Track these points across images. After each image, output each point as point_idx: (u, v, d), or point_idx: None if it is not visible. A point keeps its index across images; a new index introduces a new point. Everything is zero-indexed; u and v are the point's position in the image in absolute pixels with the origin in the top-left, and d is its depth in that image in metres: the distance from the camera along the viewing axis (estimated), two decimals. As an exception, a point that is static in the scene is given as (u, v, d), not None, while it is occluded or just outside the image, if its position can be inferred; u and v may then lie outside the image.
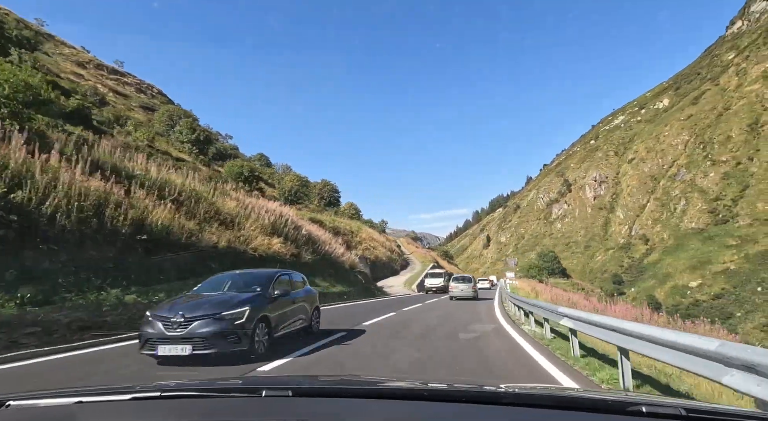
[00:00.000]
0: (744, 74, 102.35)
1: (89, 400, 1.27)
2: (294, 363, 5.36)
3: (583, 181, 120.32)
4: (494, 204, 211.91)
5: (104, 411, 1.25)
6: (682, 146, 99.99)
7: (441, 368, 5.22)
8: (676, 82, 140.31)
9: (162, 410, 1.23)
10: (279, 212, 17.88)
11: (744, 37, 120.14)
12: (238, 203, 15.45)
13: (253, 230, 14.77)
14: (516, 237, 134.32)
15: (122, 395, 1.29)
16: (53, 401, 1.27)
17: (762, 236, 64.48)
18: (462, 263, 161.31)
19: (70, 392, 1.32)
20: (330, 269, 20.08)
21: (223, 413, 1.20)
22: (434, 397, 1.31)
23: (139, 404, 1.26)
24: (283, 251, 15.86)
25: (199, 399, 1.31)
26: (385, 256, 37.16)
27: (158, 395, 1.29)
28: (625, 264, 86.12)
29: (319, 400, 1.31)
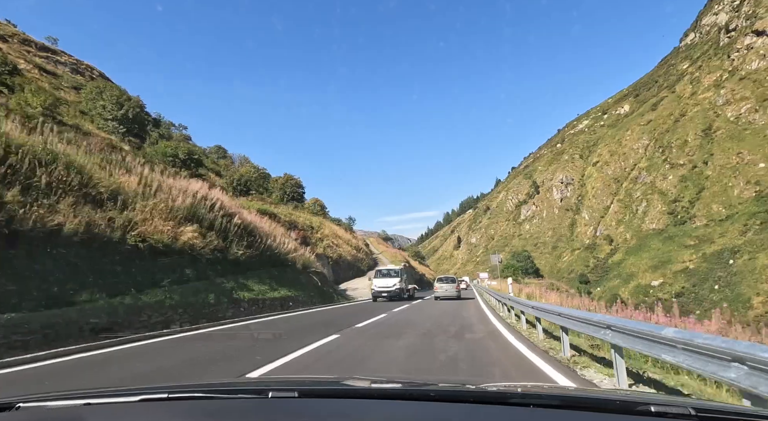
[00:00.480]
0: (697, 83, 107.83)
1: (98, 401, 1.28)
2: None
3: (551, 184, 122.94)
4: (464, 205, 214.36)
5: (112, 412, 1.27)
6: (643, 150, 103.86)
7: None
8: (635, 89, 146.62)
9: (170, 412, 1.24)
10: (202, 195, 13.95)
11: (696, 49, 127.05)
12: (141, 180, 11.83)
13: (149, 212, 10.89)
14: (486, 238, 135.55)
15: (130, 397, 1.30)
16: (62, 403, 1.28)
17: (717, 236, 67.14)
18: (433, 264, 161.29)
19: (78, 394, 1.33)
20: (273, 268, 16.92)
21: (230, 415, 1.21)
22: (441, 397, 1.29)
23: (147, 406, 1.27)
24: (199, 242, 12.26)
25: (206, 400, 1.32)
26: (351, 255, 33.92)
27: (166, 397, 1.30)
28: (590, 264, 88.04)
29: (325, 401, 1.31)
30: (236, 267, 13.98)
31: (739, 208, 69.65)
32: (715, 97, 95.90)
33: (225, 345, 7.35)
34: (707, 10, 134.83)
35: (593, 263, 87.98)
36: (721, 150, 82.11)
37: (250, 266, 14.92)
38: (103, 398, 1.32)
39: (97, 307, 7.80)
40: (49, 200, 8.50)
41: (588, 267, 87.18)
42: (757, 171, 72.10)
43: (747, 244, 60.96)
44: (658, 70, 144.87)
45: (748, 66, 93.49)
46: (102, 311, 7.79)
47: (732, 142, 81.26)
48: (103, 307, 7.93)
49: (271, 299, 14.39)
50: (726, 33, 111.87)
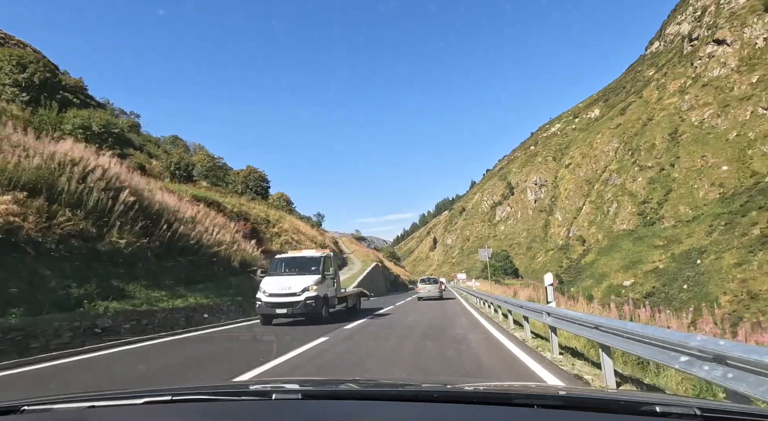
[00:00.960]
0: (663, 89, 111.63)
1: (102, 404, 1.29)
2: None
3: (525, 185, 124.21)
4: (440, 207, 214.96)
5: (117, 415, 1.28)
6: (613, 153, 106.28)
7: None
8: (605, 94, 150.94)
9: (174, 414, 1.25)
10: (69, 158, 10.23)
11: (661, 56, 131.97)
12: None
13: None
14: (462, 239, 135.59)
15: (135, 400, 1.31)
16: (67, 406, 1.30)
17: (685, 237, 68.77)
18: (409, 265, 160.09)
19: (83, 397, 1.33)
20: (192, 265, 12.93)
21: (234, 417, 1.22)
22: (445, 398, 1.30)
23: (150, 408, 1.28)
24: (28, 221, 8.36)
25: (209, 403, 1.32)
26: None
27: (170, 399, 1.30)
28: (564, 264, 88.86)
29: (329, 402, 1.32)
30: (113, 262, 9.95)
31: (704, 209, 71.70)
32: (680, 102, 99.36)
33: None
34: (671, 19, 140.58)
35: (566, 263, 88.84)
36: (686, 153, 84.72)
37: (143, 261, 10.80)
38: (107, 400, 1.32)
39: None
40: None
41: (562, 268, 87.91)
42: (721, 173, 74.56)
43: (713, 244, 62.52)
44: (626, 76, 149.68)
45: (710, 73, 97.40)
46: None
47: (696, 146, 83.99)
48: None
49: (169, 310, 10.02)
50: (689, 42, 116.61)
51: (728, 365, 2.45)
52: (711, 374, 2.55)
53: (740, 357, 2.31)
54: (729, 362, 2.43)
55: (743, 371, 2.32)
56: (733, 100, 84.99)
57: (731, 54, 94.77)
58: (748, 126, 77.20)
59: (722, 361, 2.48)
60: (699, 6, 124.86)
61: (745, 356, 2.26)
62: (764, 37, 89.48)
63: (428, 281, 23.04)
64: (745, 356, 2.26)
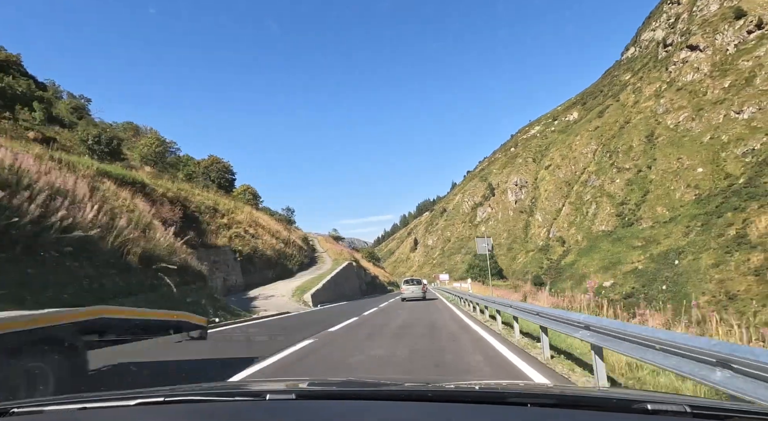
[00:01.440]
0: (639, 93, 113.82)
1: (94, 406, 1.28)
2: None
3: (506, 186, 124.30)
4: (421, 208, 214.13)
5: (109, 417, 1.27)
6: (592, 155, 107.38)
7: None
8: (582, 98, 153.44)
9: (166, 415, 1.25)
10: None
11: (637, 61, 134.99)
12: None
13: None
14: (443, 240, 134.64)
15: (127, 401, 1.29)
16: (58, 408, 1.28)
17: (663, 238, 69.29)
18: (389, 266, 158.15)
19: (74, 399, 1.32)
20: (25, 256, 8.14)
21: (228, 417, 1.21)
22: (438, 398, 1.30)
23: (143, 409, 1.27)
24: None
25: (203, 404, 1.31)
26: (274, 250, 25.81)
27: (162, 400, 1.29)
28: (544, 265, 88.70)
29: (323, 402, 1.32)
30: None
31: (681, 210, 72.57)
32: (656, 106, 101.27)
33: None
34: (646, 26, 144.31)
35: (547, 264, 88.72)
36: (663, 155, 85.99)
37: None
38: (99, 402, 1.30)
39: None
40: None
41: (542, 268, 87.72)
42: (696, 175, 75.74)
43: (690, 245, 63.03)
44: (603, 81, 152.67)
45: (684, 78, 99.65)
46: None
47: (672, 148, 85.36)
48: None
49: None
50: (663, 47, 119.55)
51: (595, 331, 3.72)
52: (580, 333, 3.99)
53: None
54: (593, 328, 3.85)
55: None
56: (707, 104, 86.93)
57: (704, 59, 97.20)
58: (721, 129, 78.86)
59: (588, 328, 3.90)
60: (672, 13, 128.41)
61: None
62: (735, 44, 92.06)
63: (412, 282, 23.77)
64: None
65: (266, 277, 23.02)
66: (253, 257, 21.94)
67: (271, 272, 23.84)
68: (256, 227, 24.11)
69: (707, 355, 2.55)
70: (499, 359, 6.22)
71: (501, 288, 31.67)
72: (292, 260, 27.34)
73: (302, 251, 31.07)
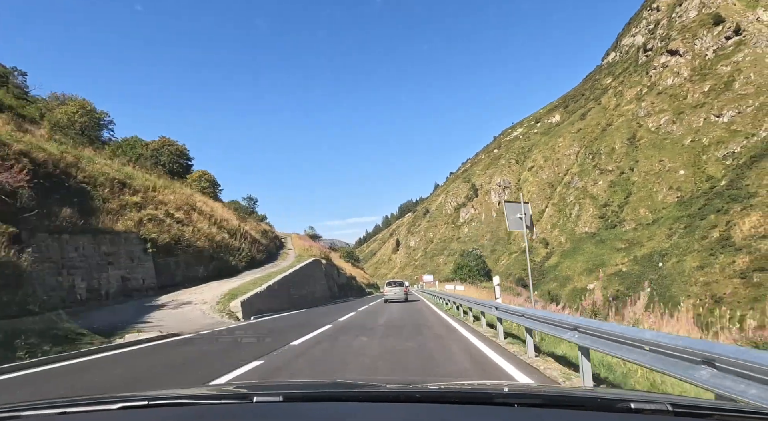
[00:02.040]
0: (620, 96, 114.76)
1: (74, 410, 1.24)
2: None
3: (489, 187, 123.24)
4: (404, 209, 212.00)
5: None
6: (574, 156, 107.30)
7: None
8: (564, 101, 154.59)
9: (151, 419, 1.24)
10: None
11: (617, 66, 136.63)
12: None
13: None
14: (425, 241, 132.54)
15: (109, 405, 1.26)
16: (36, 413, 1.25)
17: (646, 240, 68.76)
18: (371, 268, 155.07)
19: (54, 403, 1.28)
20: None
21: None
22: (426, 399, 1.31)
23: (126, 414, 1.24)
24: None
25: (188, 407, 1.29)
26: (212, 241, 20.44)
27: (146, 404, 1.26)
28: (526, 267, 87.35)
29: (310, 405, 1.30)
30: None
31: (663, 212, 72.35)
32: (637, 109, 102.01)
33: None
34: (626, 32, 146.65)
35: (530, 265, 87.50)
36: (645, 157, 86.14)
37: None
38: (80, 406, 1.26)
39: None
40: None
41: (525, 270, 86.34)
42: (678, 177, 75.82)
43: (674, 247, 62.50)
44: (584, 85, 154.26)
45: (665, 82, 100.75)
46: None
47: (654, 151, 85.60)
48: None
49: None
50: (644, 52, 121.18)
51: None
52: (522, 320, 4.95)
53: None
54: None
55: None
56: (687, 107, 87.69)
57: (684, 64, 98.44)
58: (701, 132, 79.38)
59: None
60: (652, 20, 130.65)
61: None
62: (713, 49, 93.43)
63: (394, 284, 24.02)
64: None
65: (196, 275, 18.02)
66: (174, 248, 16.77)
67: (202, 269, 18.51)
68: (190, 211, 19.15)
69: (693, 354, 2.65)
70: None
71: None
72: (237, 255, 21.94)
73: (256, 245, 25.26)
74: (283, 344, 8.19)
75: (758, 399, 2.07)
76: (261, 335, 10.02)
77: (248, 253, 22.20)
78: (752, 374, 2.15)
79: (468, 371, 5.59)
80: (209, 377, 5.44)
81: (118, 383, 5.53)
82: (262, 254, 24.89)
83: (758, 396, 2.10)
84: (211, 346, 8.63)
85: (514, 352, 6.75)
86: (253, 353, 7.23)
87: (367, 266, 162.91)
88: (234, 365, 6.13)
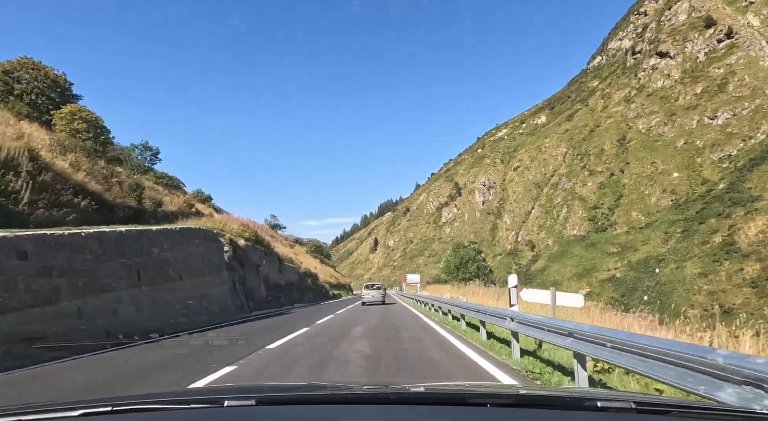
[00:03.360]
0: (608, 98, 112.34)
1: (31, 418, 1.16)
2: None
3: (473, 186, 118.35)
4: (383, 208, 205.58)
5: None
6: (562, 157, 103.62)
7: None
8: (550, 103, 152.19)
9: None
10: None
11: (604, 69, 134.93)
12: None
13: None
14: (405, 241, 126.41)
15: (70, 412, 1.18)
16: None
17: (640, 244, 64.69)
18: (346, 268, 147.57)
19: (8, 411, 1.20)
20: None
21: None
22: (400, 400, 1.30)
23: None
24: None
25: (155, 412, 1.22)
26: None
27: (110, 410, 1.19)
28: (513, 270, 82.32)
29: (284, 408, 1.27)
30: None
31: (657, 215, 68.62)
32: (626, 110, 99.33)
33: None
34: (613, 35, 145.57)
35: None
36: (636, 159, 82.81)
37: None
38: (37, 414, 1.17)
39: None
40: None
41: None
42: (672, 180, 72.41)
43: (671, 252, 58.43)
44: (570, 87, 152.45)
45: (654, 84, 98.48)
46: None
47: (645, 152, 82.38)
48: None
49: None
50: (632, 55, 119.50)
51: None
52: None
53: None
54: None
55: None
56: (679, 109, 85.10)
57: (674, 66, 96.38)
58: (695, 134, 76.51)
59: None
60: (640, 23, 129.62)
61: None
62: (705, 52, 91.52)
63: (372, 286, 24.73)
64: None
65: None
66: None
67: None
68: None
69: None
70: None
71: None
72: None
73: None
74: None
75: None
76: None
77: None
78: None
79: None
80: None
81: None
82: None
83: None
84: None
85: None
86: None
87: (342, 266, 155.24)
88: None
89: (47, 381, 5.51)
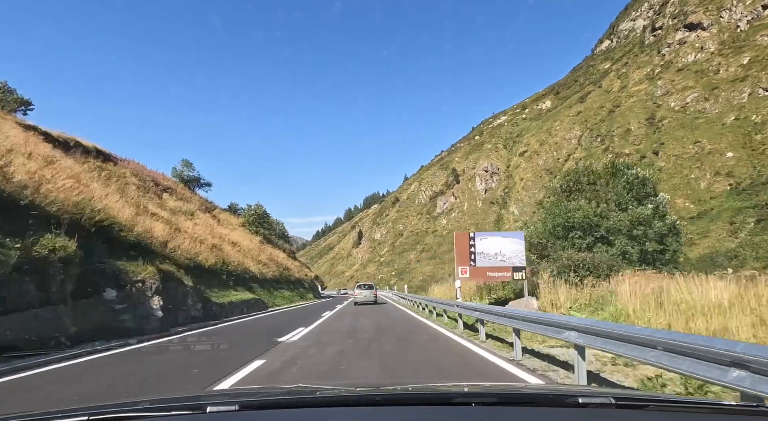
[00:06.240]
0: (626, 78, 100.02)
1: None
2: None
3: (473, 172, 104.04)
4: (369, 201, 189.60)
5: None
6: (576, 140, 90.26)
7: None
8: (554, 89, 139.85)
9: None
10: None
11: (616, 51, 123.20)
12: None
13: None
14: (393, 234, 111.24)
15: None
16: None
17: (697, 237, 50.99)
18: (326, 264, 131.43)
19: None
20: None
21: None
22: (387, 402, 1.31)
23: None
24: None
25: (134, 420, 1.19)
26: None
27: (86, 420, 1.14)
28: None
29: (269, 412, 1.25)
30: None
31: (712, 202, 55.20)
32: (652, 88, 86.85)
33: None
34: (623, 17, 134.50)
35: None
36: (672, 139, 69.76)
37: None
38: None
39: None
40: None
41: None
42: (726, 161, 59.27)
43: (743, 247, 44.78)
44: (575, 73, 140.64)
45: (685, 58, 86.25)
46: None
47: (684, 131, 69.42)
48: None
49: None
50: (651, 32, 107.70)
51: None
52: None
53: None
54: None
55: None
56: (722, 82, 72.56)
57: (708, 38, 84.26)
58: (748, 109, 63.71)
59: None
60: (656, 1, 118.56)
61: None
62: (747, 20, 79.39)
63: (364, 286, 25.32)
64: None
65: None
66: None
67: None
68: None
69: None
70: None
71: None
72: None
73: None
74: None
75: None
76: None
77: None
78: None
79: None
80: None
81: None
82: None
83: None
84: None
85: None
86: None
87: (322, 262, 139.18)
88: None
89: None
